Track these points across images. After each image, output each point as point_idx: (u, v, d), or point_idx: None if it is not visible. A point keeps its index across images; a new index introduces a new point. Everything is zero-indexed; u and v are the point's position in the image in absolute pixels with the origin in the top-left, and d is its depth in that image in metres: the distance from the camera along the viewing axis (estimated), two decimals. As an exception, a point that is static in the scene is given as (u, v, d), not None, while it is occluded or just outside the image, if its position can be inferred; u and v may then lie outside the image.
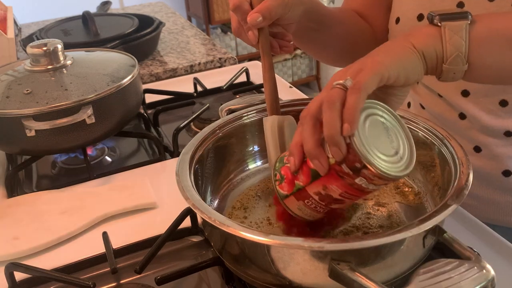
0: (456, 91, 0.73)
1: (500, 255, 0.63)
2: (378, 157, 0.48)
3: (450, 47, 0.54)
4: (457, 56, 0.54)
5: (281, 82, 1.18)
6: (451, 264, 0.45)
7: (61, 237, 0.71)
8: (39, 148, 0.84)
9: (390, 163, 0.48)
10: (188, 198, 0.55)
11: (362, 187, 0.49)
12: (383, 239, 0.46)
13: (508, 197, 0.76)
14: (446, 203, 0.50)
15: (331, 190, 0.51)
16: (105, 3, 1.86)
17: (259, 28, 0.63)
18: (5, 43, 1.21)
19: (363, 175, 0.48)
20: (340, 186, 0.50)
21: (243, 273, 0.56)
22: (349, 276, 0.46)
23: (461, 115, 0.75)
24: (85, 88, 0.84)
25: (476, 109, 0.73)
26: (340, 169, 0.49)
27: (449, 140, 0.61)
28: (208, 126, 0.69)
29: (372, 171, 0.47)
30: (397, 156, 0.49)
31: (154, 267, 0.66)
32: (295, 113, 0.67)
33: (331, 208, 0.53)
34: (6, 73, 0.90)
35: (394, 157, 0.49)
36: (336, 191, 0.50)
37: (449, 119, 0.76)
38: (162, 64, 1.39)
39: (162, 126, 1.05)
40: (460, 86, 0.73)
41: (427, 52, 0.55)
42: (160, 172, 0.87)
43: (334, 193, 0.51)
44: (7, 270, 0.62)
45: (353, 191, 0.50)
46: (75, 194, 0.81)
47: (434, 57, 0.55)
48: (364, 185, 0.49)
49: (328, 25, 0.77)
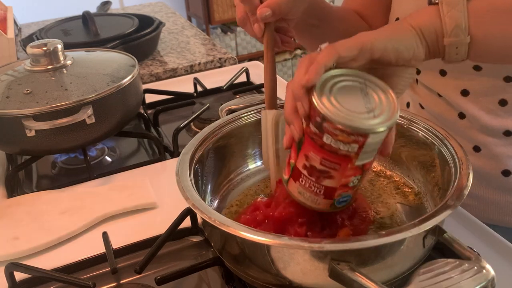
0: (456, 90, 0.73)
1: (500, 255, 0.63)
2: (339, 111, 0.48)
3: (448, 20, 0.54)
4: (456, 27, 0.54)
5: (281, 82, 1.18)
6: (451, 264, 0.45)
7: (61, 237, 0.71)
8: (39, 148, 0.84)
9: (356, 117, 0.48)
10: (188, 198, 0.55)
11: (332, 147, 0.49)
12: (383, 239, 0.47)
13: (508, 197, 0.76)
14: (446, 203, 0.50)
15: (312, 159, 0.51)
16: (105, 3, 1.86)
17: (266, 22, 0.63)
18: (5, 43, 1.21)
19: (326, 131, 0.48)
20: (316, 151, 0.50)
21: (243, 273, 0.56)
22: (349, 276, 0.46)
23: (460, 115, 0.75)
24: (85, 88, 0.84)
25: (476, 108, 0.73)
26: (309, 131, 0.50)
27: (449, 140, 0.61)
28: (208, 126, 0.69)
29: (331, 124, 0.47)
30: (369, 114, 0.49)
31: (154, 267, 0.66)
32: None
33: (325, 187, 0.52)
34: (6, 73, 0.90)
35: (364, 114, 0.48)
36: (315, 159, 0.51)
37: (448, 119, 0.76)
38: (162, 64, 1.39)
39: (162, 126, 1.05)
40: (460, 85, 0.73)
41: (425, 28, 0.54)
42: (160, 172, 0.87)
43: (316, 162, 0.51)
44: (7, 270, 0.62)
45: (329, 155, 0.50)
46: (75, 194, 0.81)
47: (433, 33, 0.54)
48: (333, 144, 0.49)
49: (328, 21, 0.77)
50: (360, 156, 0.50)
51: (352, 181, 0.52)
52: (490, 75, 0.69)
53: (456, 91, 0.73)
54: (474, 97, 0.72)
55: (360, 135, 0.48)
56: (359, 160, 0.50)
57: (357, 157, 0.50)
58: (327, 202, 0.54)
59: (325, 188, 0.53)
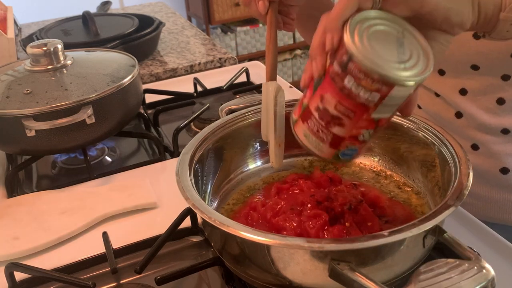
0: (454, 89, 0.73)
1: (500, 255, 0.63)
2: (369, 52, 0.44)
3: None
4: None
5: (281, 82, 1.18)
6: (451, 264, 0.45)
7: (61, 237, 0.71)
8: (39, 148, 0.84)
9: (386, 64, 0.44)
10: (188, 198, 0.55)
11: (352, 92, 0.46)
12: (383, 239, 0.47)
13: (506, 194, 0.76)
14: (446, 203, 0.50)
15: (327, 101, 0.48)
16: (105, 3, 1.86)
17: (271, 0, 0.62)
18: (5, 43, 1.21)
19: (350, 72, 0.45)
20: (333, 93, 0.47)
21: (243, 273, 0.56)
22: (349, 276, 0.46)
23: (457, 114, 0.75)
24: (85, 88, 0.84)
25: (474, 107, 0.73)
26: (332, 70, 0.47)
27: (448, 140, 0.61)
28: (208, 126, 0.69)
29: (357, 65, 0.44)
30: (400, 64, 0.45)
31: (154, 267, 0.66)
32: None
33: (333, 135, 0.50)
34: (6, 73, 0.90)
35: (395, 63, 0.45)
36: (331, 101, 0.48)
37: (445, 118, 0.76)
38: (162, 64, 1.39)
39: (162, 126, 1.05)
40: (458, 84, 0.73)
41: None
42: (160, 172, 0.87)
43: (330, 105, 0.48)
44: (7, 270, 0.62)
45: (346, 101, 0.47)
46: (75, 194, 0.81)
47: (491, 4, 0.51)
48: (354, 89, 0.46)
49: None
50: (379, 108, 0.46)
51: (363, 134, 0.49)
52: (488, 73, 0.70)
53: (455, 90, 0.73)
54: (472, 96, 0.72)
55: (385, 84, 0.44)
56: (377, 113, 0.47)
57: (375, 109, 0.46)
58: (331, 151, 0.51)
59: (333, 135, 0.50)
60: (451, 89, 0.74)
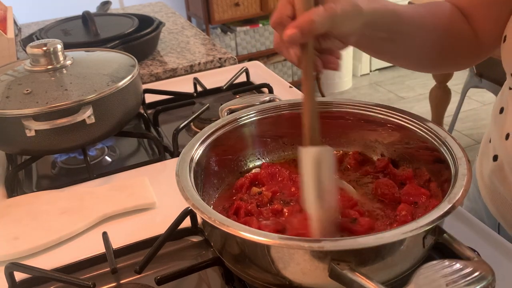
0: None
1: (500, 255, 0.63)
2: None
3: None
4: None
5: (281, 82, 1.18)
6: (451, 264, 0.45)
7: (61, 237, 0.71)
8: (39, 148, 0.84)
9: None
10: (188, 198, 0.55)
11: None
12: (383, 239, 0.47)
13: None
14: (446, 203, 0.50)
15: None
16: (105, 3, 1.86)
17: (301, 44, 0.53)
18: (5, 43, 1.21)
19: None
20: None
21: (243, 273, 0.56)
22: (349, 276, 0.46)
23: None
24: (85, 88, 0.84)
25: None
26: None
27: (448, 140, 0.61)
28: (208, 126, 0.69)
29: None
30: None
31: (154, 267, 0.66)
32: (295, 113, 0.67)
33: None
34: (6, 73, 0.90)
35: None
36: None
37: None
38: (162, 64, 1.39)
39: (162, 126, 1.05)
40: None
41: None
42: (160, 172, 0.87)
43: None
44: (7, 270, 0.62)
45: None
46: (75, 194, 0.81)
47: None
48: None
49: (405, 32, 0.66)
50: None
51: None
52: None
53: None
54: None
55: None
56: None
57: None
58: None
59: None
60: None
